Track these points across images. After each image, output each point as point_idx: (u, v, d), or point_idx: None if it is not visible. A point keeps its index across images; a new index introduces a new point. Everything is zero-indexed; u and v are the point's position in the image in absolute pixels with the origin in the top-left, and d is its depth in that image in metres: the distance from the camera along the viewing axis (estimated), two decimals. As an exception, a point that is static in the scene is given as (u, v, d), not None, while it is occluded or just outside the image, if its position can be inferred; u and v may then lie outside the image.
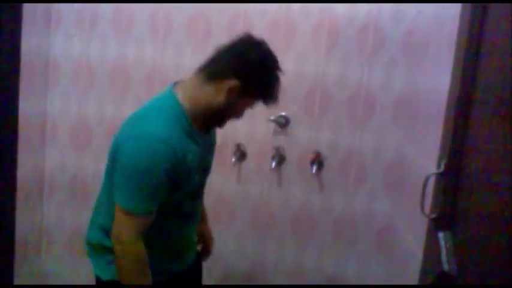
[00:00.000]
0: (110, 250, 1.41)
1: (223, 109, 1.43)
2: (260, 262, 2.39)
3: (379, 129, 2.22)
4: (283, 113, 2.28)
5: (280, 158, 2.30)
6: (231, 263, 2.43)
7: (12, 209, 1.31)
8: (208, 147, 1.60)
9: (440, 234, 1.26)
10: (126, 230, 1.34)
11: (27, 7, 2.23)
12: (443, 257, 1.23)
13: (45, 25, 2.40)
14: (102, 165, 2.43)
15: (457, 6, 1.42)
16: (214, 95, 1.41)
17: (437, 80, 1.71)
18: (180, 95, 1.43)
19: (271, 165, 2.26)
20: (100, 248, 1.51)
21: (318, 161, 2.26)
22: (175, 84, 1.49)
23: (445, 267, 1.22)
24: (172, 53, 2.35)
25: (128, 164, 1.31)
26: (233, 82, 1.39)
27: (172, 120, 1.36)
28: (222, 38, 2.27)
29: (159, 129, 1.31)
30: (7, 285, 1.32)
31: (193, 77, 1.47)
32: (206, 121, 1.47)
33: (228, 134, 2.33)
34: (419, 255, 1.53)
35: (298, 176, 2.32)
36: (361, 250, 2.30)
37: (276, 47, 2.23)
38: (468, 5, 1.26)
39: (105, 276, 1.51)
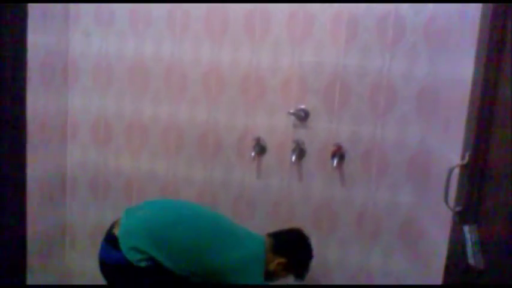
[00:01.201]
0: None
1: (268, 274, 1.97)
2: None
3: (402, 120, 2.17)
4: (303, 106, 2.25)
5: (301, 152, 2.28)
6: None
7: (23, 213, 1.33)
8: None
9: (466, 228, 1.22)
10: None
11: (45, 6, 2.25)
12: (469, 251, 1.19)
13: (64, 23, 2.42)
14: (123, 162, 2.48)
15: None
16: (269, 262, 1.97)
17: (460, 69, 1.66)
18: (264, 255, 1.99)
19: (291, 159, 2.24)
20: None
21: (339, 153, 2.23)
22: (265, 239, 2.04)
23: (471, 261, 1.18)
24: (190, 49, 2.34)
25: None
26: (282, 260, 1.97)
27: (263, 274, 1.96)
28: (239, 33, 2.29)
29: (261, 279, 1.94)
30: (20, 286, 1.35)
31: (267, 240, 2.02)
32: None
33: (248, 128, 2.32)
34: (444, 248, 1.49)
35: (319, 170, 2.29)
36: (384, 244, 2.26)
37: (294, 38, 2.24)
38: None
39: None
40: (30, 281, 2.12)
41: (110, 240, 1.87)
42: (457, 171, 1.35)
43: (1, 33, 1.12)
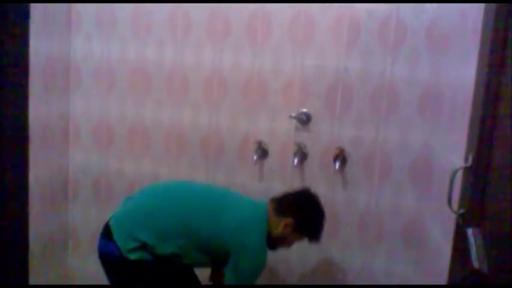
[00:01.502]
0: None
1: (278, 239, 1.93)
2: (284, 260, 2.36)
3: (404, 123, 2.17)
4: (305, 110, 2.25)
5: (302, 155, 2.27)
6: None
7: (25, 215, 1.32)
8: None
9: (469, 230, 1.22)
10: None
11: (47, 10, 2.25)
12: (473, 254, 1.18)
13: (66, 27, 2.42)
14: (125, 165, 2.48)
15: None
16: (276, 226, 1.91)
17: (462, 71, 1.66)
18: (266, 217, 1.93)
19: (293, 162, 2.24)
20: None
21: (341, 157, 2.23)
22: (268, 203, 1.97)
23: (475, 264, 1.17)
24: (192, 52, 2.34)
25: (251, 268, 1.86)
26: (289, 220, 1.89)
27: (265, 237, 1.90)
28: (241, 36, 2.29)
29: (263, 244, 1.88)
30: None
31: (270, 205, 1.96)
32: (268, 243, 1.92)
33: (249, 131, 2.32)
34: (448, 251, 1.48)
35: (321, 173, 2.28)
36: (387, 247, 2.25)
37: (296, 42, 2.24)
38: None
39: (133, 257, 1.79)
40: (32, 282, 2.11)
41: (105, 230, 1.88)
42: (460, 173, 1.35)
43: (2, 38, 1.12)
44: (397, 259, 2.24)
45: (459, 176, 1.35)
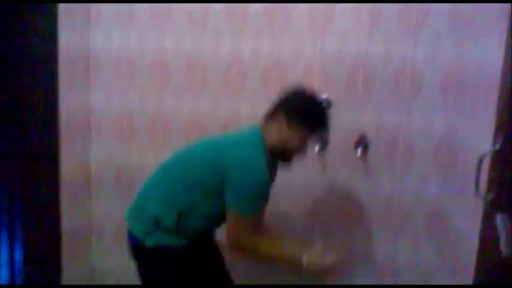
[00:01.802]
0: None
1: (280, 145, 1.76)
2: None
3: (427, 107, 2.11)
4: (325, 96, 2.21)
5: (323, 142, 2.24)
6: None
7: (57, 206, 1.33)
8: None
9: (498, 217, 1.18)
10: (244, 233, 1.71)
11: (65, 4, 2.26)
12: (502, 240, 1.15)
13: (85, 21, 2.42)
14: (147, 157, 2.48)
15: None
16: (271, 134, 1.76)
17: (486, 52, 1.61)
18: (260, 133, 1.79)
19: (314, 149, 2.21)
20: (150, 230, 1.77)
21: (363, 143, 2.19)
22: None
23: (504, 250, 1.14)
24: (211, 42, 2.32)
25: (249, 182, 1.67)
26: (280, 116, 1.74)
27: (260, 153, 1.72)
28: (260, 23, 2.26)
29: (260, 156, 1.70)
30: (55, 285, 1.36)
31: (262, 122, 1.82)
32: (276, 158, 1.81)
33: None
34: (475, 239, 1.44)
35: (342, 160, 2.25)
36: (411, 235, 2.21)
37: (316, 27, 2.20)
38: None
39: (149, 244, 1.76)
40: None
41: (126, 225, 1.88)
42: (487, 158, 1.30)
43: (33, 32, 1.12)
44: (421, 248, 2.19)
45: (486, 161, 1.30)
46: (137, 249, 1.82)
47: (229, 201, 1.70)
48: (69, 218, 2.40)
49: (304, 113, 1.76)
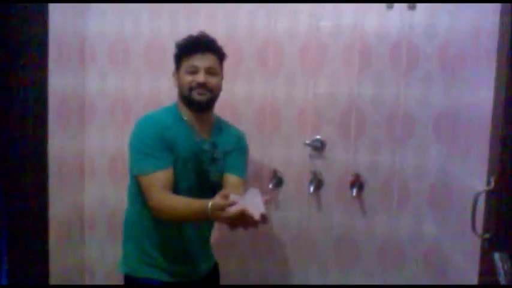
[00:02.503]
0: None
1: (179, 92, 1.77)
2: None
3: (420, 147, 2.14)
4: (319, 137, 2.24)
5: (318, 182, 2.25)
6: (274, 292, 2.36)
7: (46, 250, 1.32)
8: (211, 156, 1.79)
9: (497, 256, 1.18)
10: (149, 191, 1.63)
11: (61, 45, 2.28)
12: (502, 279, 1.14)
13: (80, 63, 2.44)
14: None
15: (493, 16, 1.37)
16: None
17: (477, 93, 1.65)
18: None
19: (309, 190, 2.21)
20: None
21: (358, 183, 2.20)
22: None
23: (505, 290, 1.13)
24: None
25: (131, 140, 1.72)
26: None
27: (165, 111, 1.77)
28: (253, 65, 2.29)
29: (154, 114, 1.74)
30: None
31: None
32: (190, 110, 1.75)
33: (264, 160, 2.30)
34: (474, 278, 1.43)
35: (338, 200, 2.25)
36: (409, 274, 2.19)
37: (308, 70, 2.24)
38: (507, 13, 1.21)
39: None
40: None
41: None
42: (482, 197, 1.31)
43: (22, 73, 1.13)
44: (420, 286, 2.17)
45: (481, 199, 1.31)
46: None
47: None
48: (61, 259, 2.35)
49: (174, 54, 1.80)
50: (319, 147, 2.24)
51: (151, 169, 1.64)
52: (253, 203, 1.47)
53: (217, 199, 1.51)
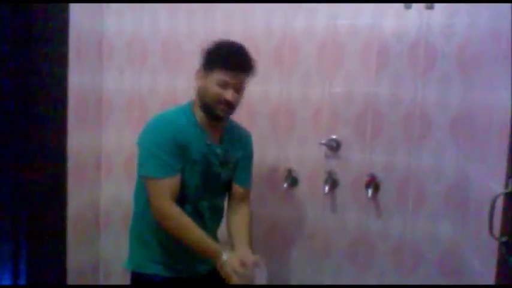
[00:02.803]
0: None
1: (199, 94, 1.71)
2: (318, 291, 2.31)
3: (438, 148, 2.12)
4: (334, 136, 2.23)
5: (333, 182, 2.24)
6: (288, 292, 2.36)
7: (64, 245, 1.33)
8: (223, 159, 1.79)
9: (514, 259, 1.16)
10: (155, 197, 1.63)
11: (79, 43, 2.31)
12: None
13: (98, 60, 2.47)
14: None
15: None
16: (196, 91, 1.73)
17: (496, 94, 1.62)
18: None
19: (324, 190, 2.20)
20: None
21: (374, 184, 2.18)
22: None
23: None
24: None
25: (141, 141, 1.69)
26: (198, 68, 1.72)
27: (178, 111, 1.74)
28: (269, 65, 2.29)
29: (167, 115, 1.72)
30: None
31: None
32: (206, 116, 1.72)
33: (279, 159, 2.30)
34: (491, 280, 1.42)
35: (353, 201, 2.24)
36: (424, 276, 2.17)
37: (324, 69, 2.23)
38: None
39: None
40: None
41: None
42: (500, 199, 1.29)
43: (44, 72, 1.15)
44: (435, 289, 2.16)
45: (499, 202, 1.30)
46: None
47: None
48: (77, 256, 2.38)
49: (206, 54, 1.71)
50: (334, 147, 2.23)
51: (160, 174, 1.63)
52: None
53: (235, 261, 1.59)
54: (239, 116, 2.31)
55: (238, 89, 1.70)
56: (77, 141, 2.32)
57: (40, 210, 1.19)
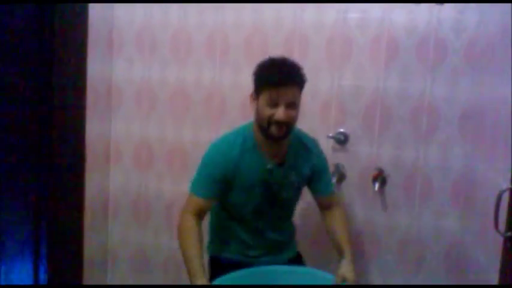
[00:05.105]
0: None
1: (256, 120, 1.71)
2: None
3: (445, 143, 2.12)
4: (342, 130, 2.23)
5: (340, 176, 2.25)
6: None
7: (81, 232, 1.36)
8: (286, 181, 1.81)
9: (518, 254, 1.17)
10: (185, 208, 1.74)
11: (89, 33, 2.32)
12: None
13: (108, 50, 2.49)
14: (164, 185, 2.50)
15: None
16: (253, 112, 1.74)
17: (504, 90, 1.62)
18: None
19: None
20: None
21: (381, 178, 2.19)
22: None
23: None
24: (230, 73, 2.37)
25: (202, 158, 1.79)
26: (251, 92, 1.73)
27: (237, 136, 1.77)
28: (279, 55, 2.29)
29: (226, 139, 1.77)
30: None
31: None
32: (264, 138, 1.71)
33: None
34: (495, 276, 1.42)
35: (359, 194, 2.25)
36: (429, 271, 2.18)
37: (333, 62, 2.23)
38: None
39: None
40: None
41: None
42: (506, 194, 1.30)
43: (64, 62, 1.18)
44: (440, 283, 2.16)
45: (505, 197, 1.30)
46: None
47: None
48: (85, 243, 2.41)
49: (253, 76, 1.71)
50: (342, 140, 2.24)
51: (198, 192, 1.74)
52: None
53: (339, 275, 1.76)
54: (247, 110, 2.33)
55: (291, 105, 1.64)
56: (87, 129, 2.34)
57: (60, 196, 1.22)
